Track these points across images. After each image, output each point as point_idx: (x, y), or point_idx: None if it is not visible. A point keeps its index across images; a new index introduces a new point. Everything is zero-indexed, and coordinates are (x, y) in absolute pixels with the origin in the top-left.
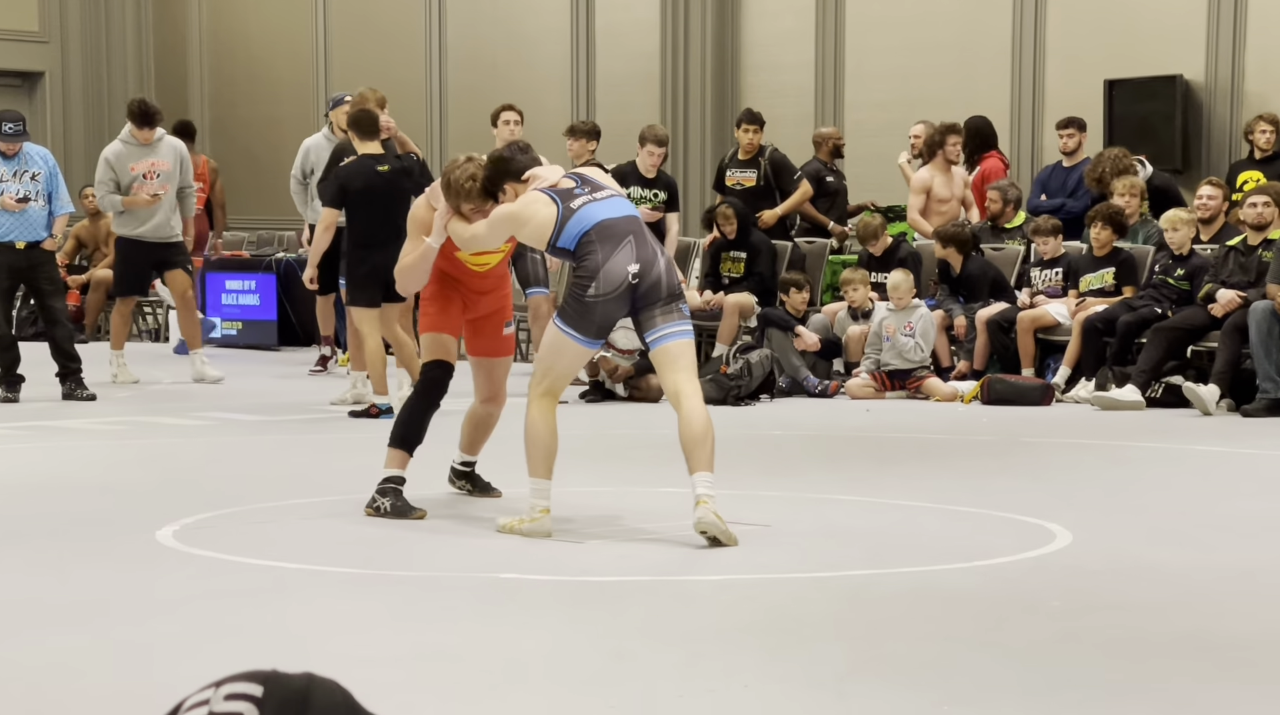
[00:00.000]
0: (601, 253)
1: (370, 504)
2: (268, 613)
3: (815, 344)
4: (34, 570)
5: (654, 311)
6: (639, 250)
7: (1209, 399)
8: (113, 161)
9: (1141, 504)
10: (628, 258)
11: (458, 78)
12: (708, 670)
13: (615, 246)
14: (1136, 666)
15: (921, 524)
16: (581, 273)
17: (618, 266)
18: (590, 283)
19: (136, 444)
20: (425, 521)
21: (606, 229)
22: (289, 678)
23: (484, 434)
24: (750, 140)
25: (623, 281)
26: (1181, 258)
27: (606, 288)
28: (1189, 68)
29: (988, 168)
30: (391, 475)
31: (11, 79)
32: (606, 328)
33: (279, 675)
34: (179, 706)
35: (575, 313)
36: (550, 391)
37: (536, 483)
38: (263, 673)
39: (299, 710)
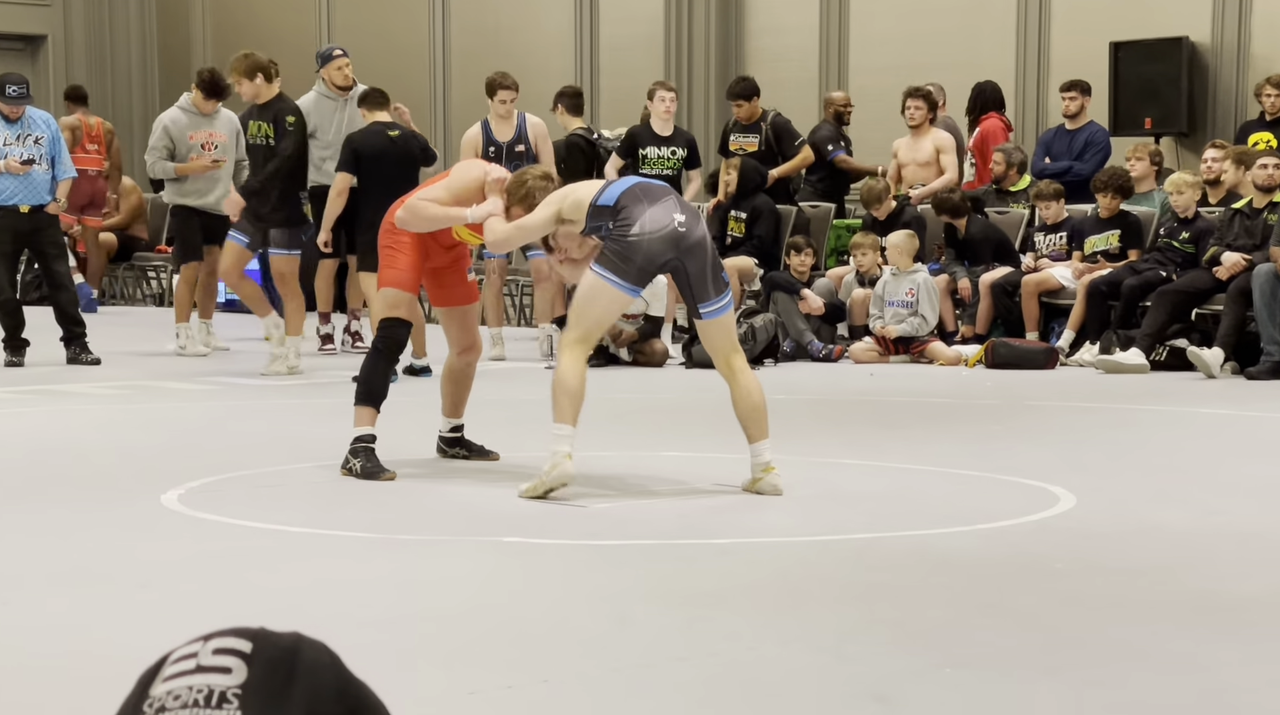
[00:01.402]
0: (645, 202)
1: (344, 464)
2: (272, 575)
3: (820, 308)
4: (38, 533)
5: (705, 275)
6: (682, 206)
7: (1213, 362)
8: (172, 129)
9: (1145, 467)
10: (672, 208)
11: (461, 41)
12: (710, 633)
13: (657, 199)
14: (1140, 628)
15: (925, 487)
16: (623, 219)
17: (663, 212)
18: (634, 224)
19: (141, 408)
20: (428, 485)
21: (646, 186)
22: (278, 635)
23: (464, 390)
24: (747, 110)
25: (668, 225)
26: (1187, 221)
27: (652, 227)
28: (1195, 29)
29: (987, 128)
30: (363, 434)
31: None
32: (647, 272)
33: (268, 632)
34: (165, 658)
35: (616, 256)
36: (583, 339)
37: (561, 428)
38: (251, 629)
39: (288, 668)
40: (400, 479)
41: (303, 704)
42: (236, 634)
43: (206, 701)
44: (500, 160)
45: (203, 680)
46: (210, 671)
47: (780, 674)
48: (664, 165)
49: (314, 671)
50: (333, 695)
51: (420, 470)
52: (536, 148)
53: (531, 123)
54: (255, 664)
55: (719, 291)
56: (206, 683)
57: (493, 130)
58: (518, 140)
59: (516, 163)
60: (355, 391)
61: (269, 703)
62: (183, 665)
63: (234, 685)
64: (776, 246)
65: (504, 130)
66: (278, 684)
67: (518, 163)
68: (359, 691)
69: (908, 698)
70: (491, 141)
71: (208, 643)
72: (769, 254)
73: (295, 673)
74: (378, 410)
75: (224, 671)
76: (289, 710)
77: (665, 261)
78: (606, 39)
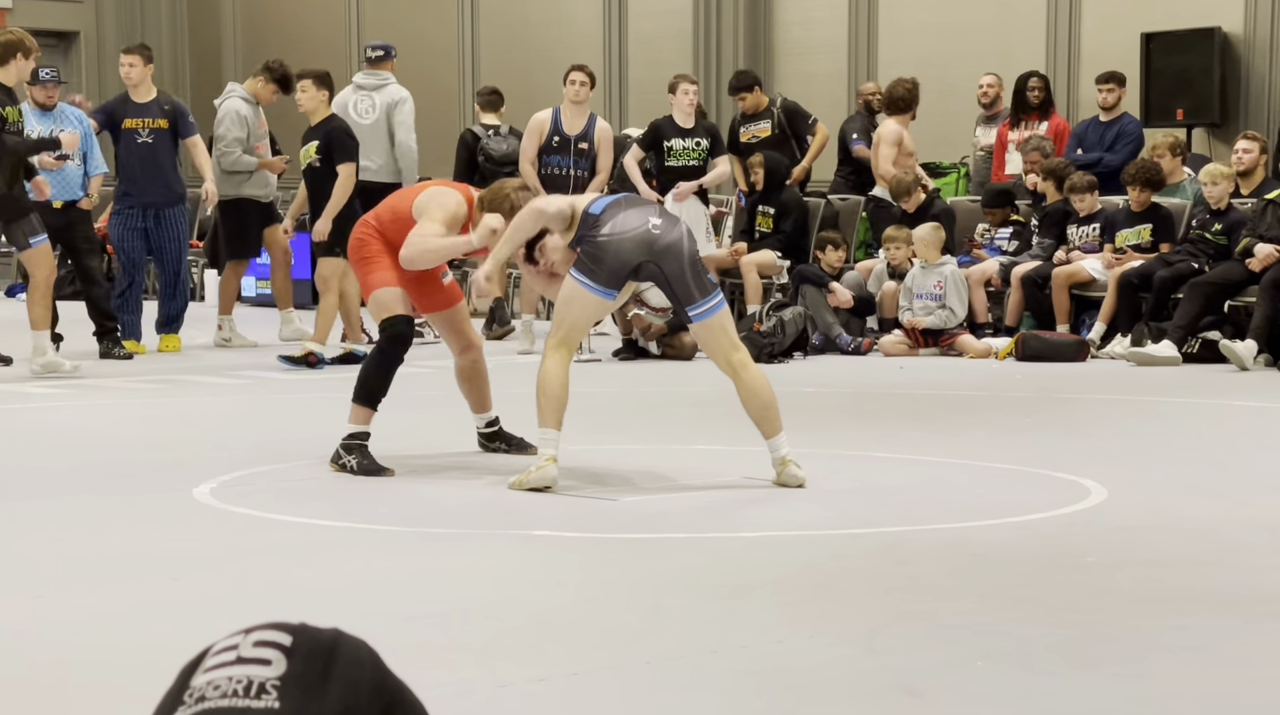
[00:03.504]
0: (623, 208)
1: (335, 460)
2: (304, 569)
3: (849, 301)
4: (71, 526)
5: (686, 278)
6: (661, 211)
7: (1246, 354)
8: (250, 120)
9: (1177, 460)
10: (649, 213)
11: (490, 36)
12: (740, 626)
13: (635, 205)
14: (1171, 621)
15: (955, 480)
16: (599, 223)
17: (637, 215)
18: (605, 225)
19: (173, 402)
20: (460, 478)
21: (631, 197)
22: (318, 631)
23: (483, 384)
24: (752, 101)
25: (640, 227)
26: (1219, 212)
27: (623, 228)
28: (1227, 20)
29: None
30: (356, 431)
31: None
32: (619, 275)
33: (308, 627)
34: (207, 650)
35: (588, 258)
36: (564, 342)
37: (545, 433)
38: (292, 624)
39: (326, 663)
40: (432, 473)
41: (339, 697)
42: (277, 627)
43: (246, 691)
44: (562, 152)
45: (242, 671)
46: (250, 663)
47: (810, 667)
48: (688, 156)
49: (352, 666)
50: (369, 690)
51: (450, 464)
52: (599, 150)
53: (600, 126)
54: (295, 657)
55: (704, 293)
56: (246, 674)
57: (562, 120)
58: (584, 137)
59: (576, 158)
60: (354, 389)
61: (306, 694)
62: (223, 657)
63: (273, 677)
64: (804, 239)
65: (574, 123)
66: (315, 677)
67: (577, 159)
68: (396, 688)
69: (939, 691)
70: (558, 131)
71: (249, 635)
72: (795, 247)
73: (333, 667)
74: (375, 410)
75: (264, 663)
76: (325, 703)
77: (638, 263)
78: (635, 32)
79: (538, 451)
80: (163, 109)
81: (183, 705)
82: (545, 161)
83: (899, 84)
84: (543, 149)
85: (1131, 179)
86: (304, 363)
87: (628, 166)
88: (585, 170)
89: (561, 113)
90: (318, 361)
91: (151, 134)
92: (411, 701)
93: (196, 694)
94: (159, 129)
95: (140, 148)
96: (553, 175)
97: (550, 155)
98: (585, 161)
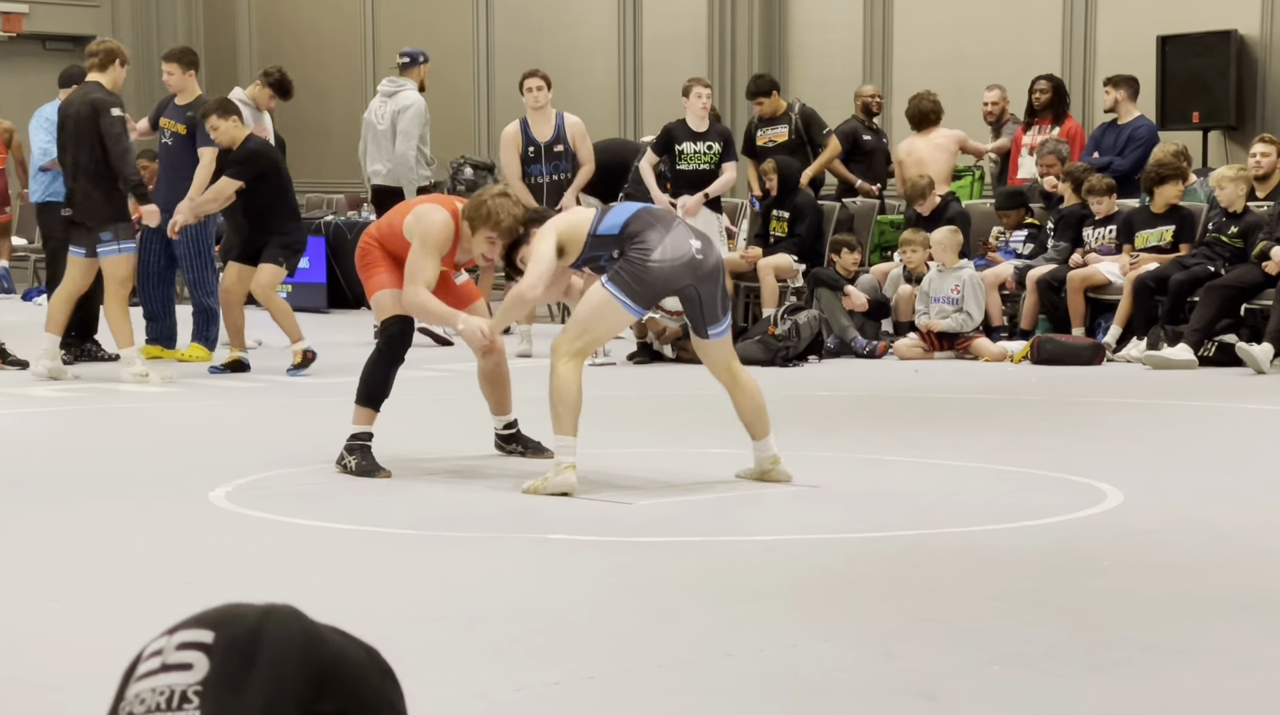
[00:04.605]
0: (658, 228)
1: (339, 461)
2: (319, 573)
3: (864, 304)
4: (87, 530)
5: (717, 300)
6: (694, 231)
7: (1262, 358)
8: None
9: (1193, 463)
10: (688, 234)
11: (504, 39)
12: (755, 630)
13: (669, 226)
14: (1187, 625)
15: (970, 484)
16: (640, 243)
17: (680, 239)
18: (653, 250)
19: (189, 405)
20: (475, 482)
21: (652, 212)
22: (240, 616)
23: (504, 386)
24: (770, 106)
25: (687, 253)
26: (1235, 215)
27: (671, 255)
28: (1243, 23)
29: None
30: (359, 431)
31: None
32: (659, 297)
33: (229, 613)
34: (139, 656)
35: (631, 278)
36: (582, 352)
37: (563, 440)
38: (213, 614)
39: (248, 655)
40: (446, 476)
41: (262, 690)
42: (199, 622)
43: (168, 704)
44: (539, 160)
45: (165, 681)
46: (173, 670)
47: (826, 670)
48: (700, 160)
49: (276, 651)
50: (296, 671)
51: (464, 468)
52: (575, 147)
53: (570, 122)
54: (215, 654)
55: (725, 312)
56: (168, 683)
57: (531, 129)
58: (556, 140)
59: (555, 163)
60: (356, 390)
61: (229, 694)
62: (150, 664)
63: (194, 683)
64: (819, 242)
65: (542, 129)
66: (236, 673)
67: (556, 163)
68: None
69: (954, 694)
70: (531, 141)
71: (172, 636)
72: (811, 251)
73: (256, 656)
74: (377, 410)
75: (185, 669)
76: (248, 699)
77: (681, 287)
78: (649, 36)
79: (554, 457)
80: (186, 115)
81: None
82: (526, 172)
83: (926, 98)
84: (521, 160)
85: (1152, 181)
86: (305, 365)
87: (643, 171)
88: (566, 172)
89: (529, 122)
90: (313, 356)
91: (172, 138)
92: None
93: (126, 708)
94: (178, 134)
95: (162, 149)
96: (536, 185)
97: (530, 166)
98: (566, 163)
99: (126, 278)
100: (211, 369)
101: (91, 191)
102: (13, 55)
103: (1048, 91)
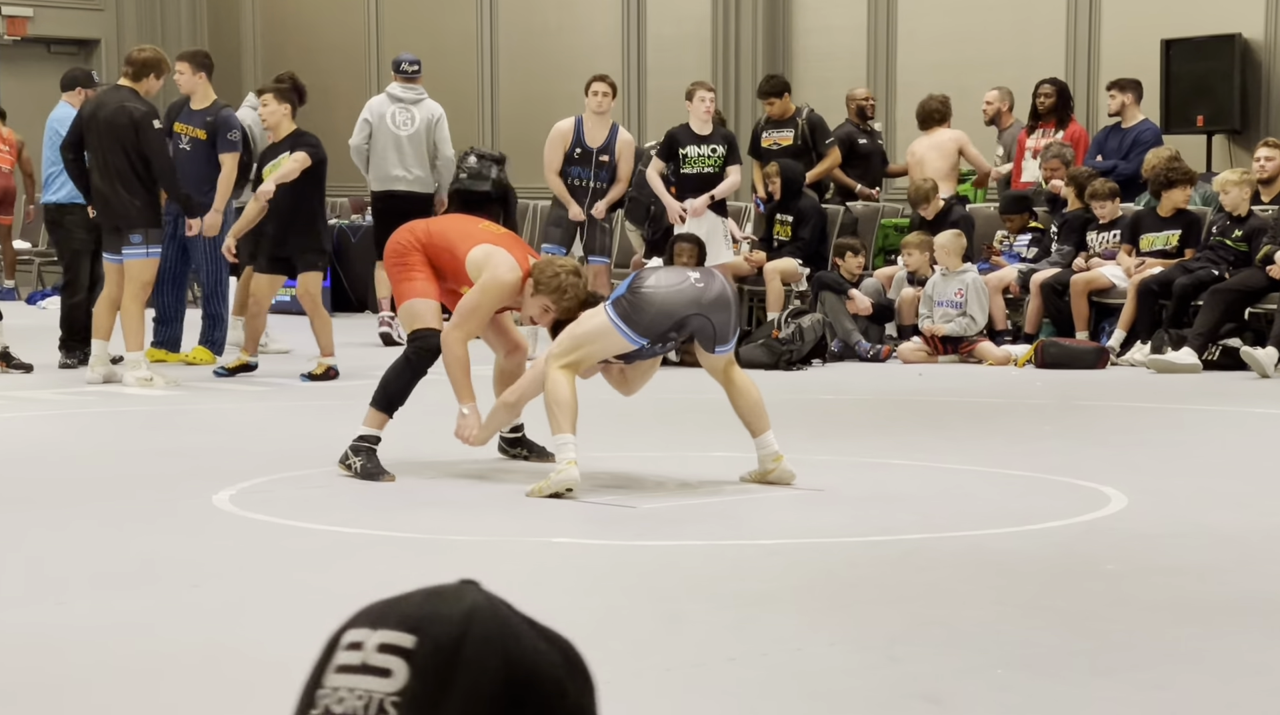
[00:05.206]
0: (654, 269)
1: (343, 460)
2: (323, 576)
3: (868, 307)
4: (91, 533)
5: (730, 324)
6: (697, 268)
7: (1266, 362)
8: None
9: (1197, 467)
10: (684, 269)
11: (508, 41)
12: (760, 633)
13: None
14: (1191, 630)
15: (974, 488)
16: (639, 278)
17: (675, 271)
18: (647, 277)
19: (192, 409)
20: (480, 485)
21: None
22: (443, 618)
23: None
24: (780, 107)
25: (684, 281)
26: (1239, 219)
27: (666, 282)
28: (1248, 26)
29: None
30: (368, 434)
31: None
32: (659, 326)
33: (434, 618)
34: (340, 636)
35: (629, 305)
36: (572, 366)
37: (562, 437)
38: (416, 611)
39: (447, 671)
40: (452, 479)
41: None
42: (402, 623)
43: (365, 711)
44: (583, 164)
45: (365, 684)
46: (372, 673)
47: (830, 674)
48: (704, 164)
49: (477, 667)
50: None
51: (471, 471)
52: (619, 160)
53: (623, 138)
54: (416, 663)
55: (735, 334)
56: (367, 687)
57: (584, 131)
58: (606, 148)
59: (599, 170)
60: (374, 393)
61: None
62: (350, 657)
63: (392, 693)
64: (823, 246)
65: (596, 134)
66: (434, 692)
67: (599, 171)
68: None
69: (959, 698)
70: (580, 143)
71: (374, 633)
72: (814, 254)
73: (454, 677)
74: (391, 417)
75: (384, 675)
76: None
77: (685, 317)
78: (654, 39)
79: (556, 458)
80: (205, 120)
81: (314, 708)
82: (565, 172)
83: (934, 99)
84: (565, 159)
85: (1160, 185)
86: (325, 378)
87: (650, 178)
88: (604, 182)
89: (584, 123)
90: (335, 375)
91: (191, 143)
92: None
93: (324, 701)
94: (197, 139)
95: (180, 154)
96: (572, 186)
97: (571, 166)
98: (605, 173)
99: (149, 282)
100: (217, 372)
101: (124, 194)
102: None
103: (1052, 95)
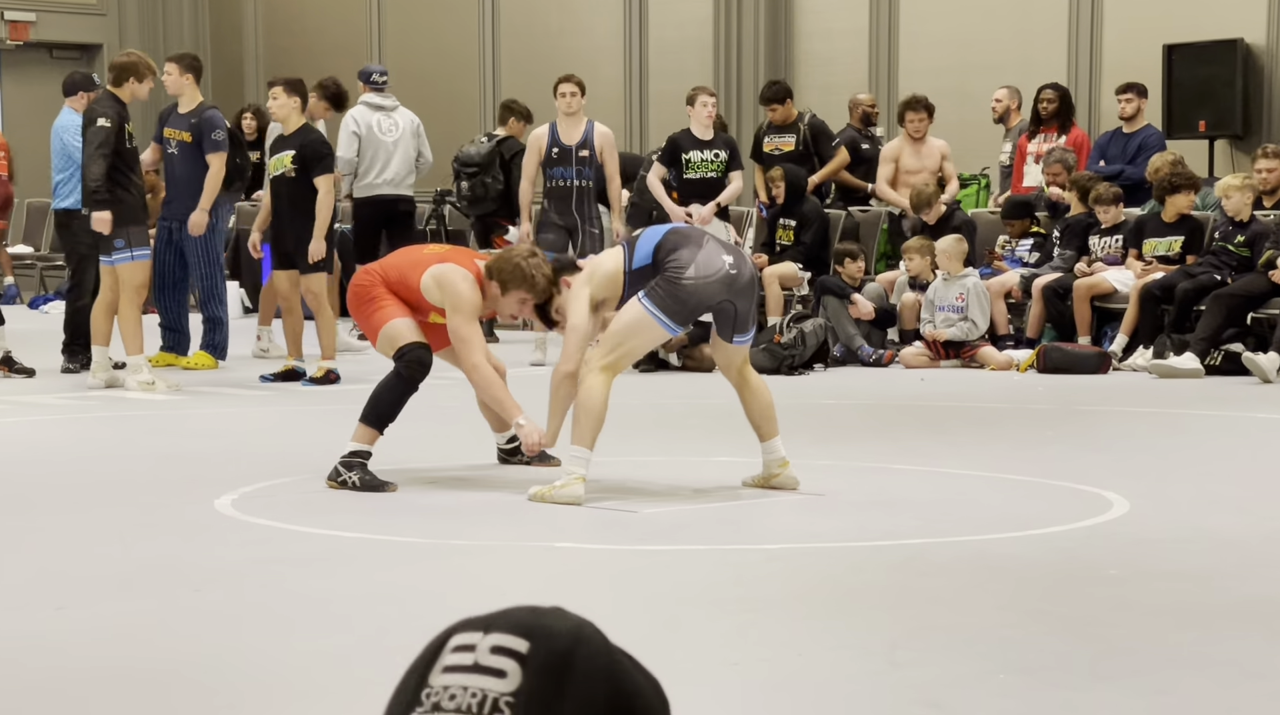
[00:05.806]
0: (689, 247)
1: (334, 476)
2: (326, 581)
3: (870, 312)
4: (93, 538)
5: (750, 311)
6: (723, 246)
7: (1269, 367)
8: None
9: (1199, 472)
10: (718, 250)
11: (510, 45)
12: (761, 638)
13: (699, 243)
14: (1193, 635)
15: (976, 493)
16: (674, 261)
17: (712, 256)
18: (687, 268)
19: (194, 413)
20: (481, 490)
21: (679, 231)
22: (553, 632)
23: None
24: (782, 113)
25: (720, 269)
26: (1241, 224)
27: (705, 272)
28: (1250, 31)
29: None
30: (358, 449)
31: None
32: (696, 314)
33: (545, 628)
34: (447, 638)
35: (668, 296)
36: (615, 366)
37: (578, 451)
38: (527, 620)
39: (559, 678)
40: (453, 484)
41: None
42: (514, 628)
43: (480, 707)
44: (563, 163)
45: (478, 683)
46: (486, 673)
47: (832, 680)
48: (706, 169)
49: (587, 679)
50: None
51: (470, 476)
52: (602, 157)
53: (600, 132)
54: (530, 667)
55: (754, 323)
56: (481, 686)
57: (559, 132)
58: (583, 145)
59: (580, 167)
60: (363, 408)
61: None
62: (461, 658)
63: (507, 693)
64: (825, 250)
65: (570, 133)
66: (548, 695)
67: (580, 168)
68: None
69: (960, 704)
70: (556, 143)
71: (487, 636)
72: (816, 259)
73: (566, 685)
74: (381, 433)
75: (499, 675)
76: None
77: (718, 303)
78: (656, 43)
79: (562, 465)
80: (190, 123)
81: (420, 705)
82: (549, 174)
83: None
84: (544, 163)
85: (1164, 190)
86: (325, 381)
87: (651, 185)
88: (589, 179)
89: (558, 125)
90: (336, 378)
91: (178, 146)
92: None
93: (433, 699)
94: (184, 142)
95: (169, 159)
96: (557, 188)
97: (552, 168)
98: (588, 169)
99: (142, 285)
100: (263, 378)
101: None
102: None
103: (1054, 101)
